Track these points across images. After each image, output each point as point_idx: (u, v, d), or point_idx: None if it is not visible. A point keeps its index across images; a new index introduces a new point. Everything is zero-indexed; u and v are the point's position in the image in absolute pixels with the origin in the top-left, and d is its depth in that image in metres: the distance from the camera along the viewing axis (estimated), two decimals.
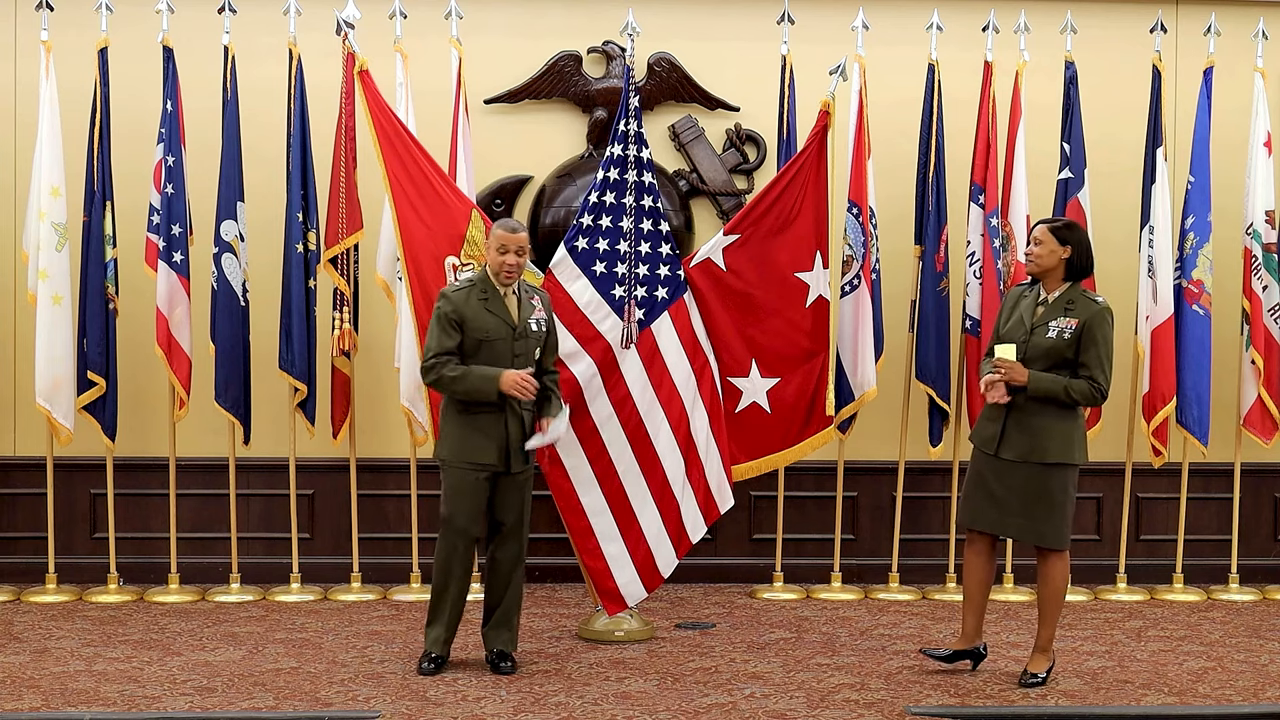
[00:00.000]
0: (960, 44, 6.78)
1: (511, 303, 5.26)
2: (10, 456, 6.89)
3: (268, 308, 6.60)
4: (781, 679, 5.26)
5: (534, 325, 5.29)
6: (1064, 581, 5.13)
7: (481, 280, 5.27)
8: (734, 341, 6.01)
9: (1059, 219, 5.28)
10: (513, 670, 5.29)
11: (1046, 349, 5.01)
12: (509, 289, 5.27)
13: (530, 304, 5.33)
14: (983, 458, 5.16)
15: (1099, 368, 4.99)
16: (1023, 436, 5.03)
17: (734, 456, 6.06)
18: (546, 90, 7.09)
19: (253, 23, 6.72)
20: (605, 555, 5.83)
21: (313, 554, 6.87)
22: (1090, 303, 5.05)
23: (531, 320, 5.29)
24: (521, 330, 5.25)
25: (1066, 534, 5.09)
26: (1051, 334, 5.01)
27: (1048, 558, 5.09)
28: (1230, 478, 6.96)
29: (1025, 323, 5.09)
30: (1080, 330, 4.98)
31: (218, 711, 4.76)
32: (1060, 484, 5.04)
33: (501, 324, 5.21)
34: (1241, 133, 6.86)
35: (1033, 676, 5.13)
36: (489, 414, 5.20)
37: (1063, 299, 5.06)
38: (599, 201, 5.87)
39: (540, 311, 5.35)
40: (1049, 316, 5.05)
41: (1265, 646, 5.88)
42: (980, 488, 5.15)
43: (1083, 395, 4.99)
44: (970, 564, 5.26)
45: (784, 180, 5.98)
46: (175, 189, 6.39)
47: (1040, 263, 5.08)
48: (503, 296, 5.25)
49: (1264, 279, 6.72)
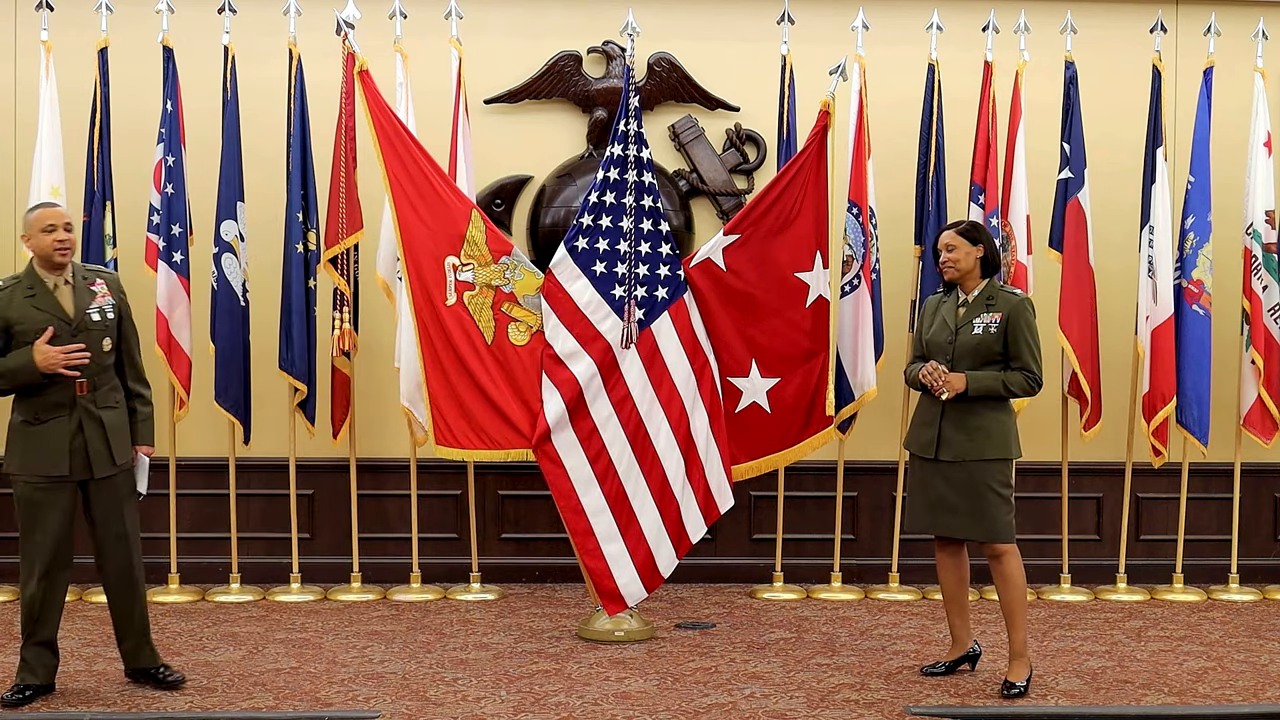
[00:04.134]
0: (960, 44, 6.78)
1: (65, 294, 4.78)
2: None
3: (268, 308, 6.60)
4: (781, 679, 5.26)
5: (95, 315, 4.80)
6: (1023, 578, 5.09)
7: (26, 275, 4.78)
8: (734, 341, 6.00)
9: (960, 222, 5.27)
10: (182, 682, 5.00)
11: (974, 345, 5.05)
12: (60, 279, 4.79)
13: (90, 291, 4.83)
14: (922, 463, 5.17)
15: (1031, 357, 5.04)
16: (960, 436, 5.04)
17: (734, 456, 6.06)
18: (546, 90, 7.09)
19: (253, 23, 6.72)
20: (605, 555, 5.83)
21: (313, 554, 6.88)
22: (1010, 296, 5.11)
23: (92, 310, 4.80)
24: (80, 323, 4.77)
25: (1013, 527, 5.09)
26: (978, 330, 5.05)
27: (1001, 557, 5.05)
28: (1230, 478, 6.96)
29: (950, 325, 5.13)
30: (1005, 323, 5.03)
31: (218, 711, 4.76)
32: (1002, 479, 5.05)
33: (53, 319, 4.73)
34: (1241, 133, 6.85)
35: (1013, 686, 5.04)
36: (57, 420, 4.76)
37: (982, 296, 5.11)
38: (599, 201, 5.87)
39: (106, 297, 4.85)
40: (972, 314, 5.09)
41: (1265, 646, 5.88)
42: (924, 494, 5.15)
43: (1020, 387, 5.02)
44: (943, 567, 5.26)
45: (784, 180, 5.98)
46: (175, 189, 6.39)
47: (959, 266, 5.12)
48: (53, 289, 4.77)
49: (1264, 279, 6.72)
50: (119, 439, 4.89)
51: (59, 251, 4.76)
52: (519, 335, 5.87)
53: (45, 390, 4.76)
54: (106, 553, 4.90)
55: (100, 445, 4.81)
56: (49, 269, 4.80)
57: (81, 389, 4.78)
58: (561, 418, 5.80)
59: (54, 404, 4.76)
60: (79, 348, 4.73)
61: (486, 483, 6.96)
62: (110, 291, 4.90)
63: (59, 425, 4.76)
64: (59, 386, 4.76)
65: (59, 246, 4.76)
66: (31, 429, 4.78)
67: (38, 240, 4.77)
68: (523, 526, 7.07)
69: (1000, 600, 5.14)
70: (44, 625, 4.84)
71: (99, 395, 4.84)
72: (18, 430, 4.81)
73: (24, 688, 4.82)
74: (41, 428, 4.77)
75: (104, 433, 4.82)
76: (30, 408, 4.78)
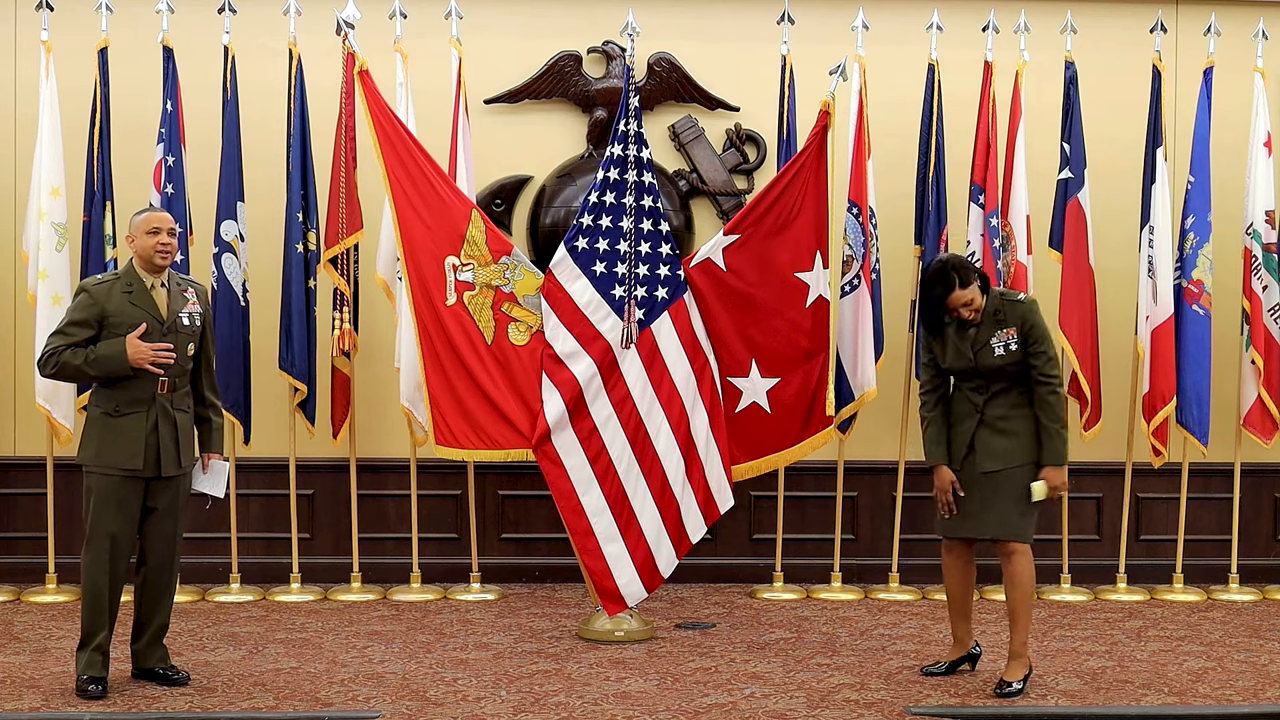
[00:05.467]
0: (960, 44, 6.78)
1: (160, 296, 4.94)
2: (10, 456, 6.90)
3: (268, 308, 6.60)
4: (781, 679, 5.25)
5: (185, 319, 4.97)
6: (1032, 581, 5.09)
7: (127, 273, 4.95)
8: (734, 341, 6.00)
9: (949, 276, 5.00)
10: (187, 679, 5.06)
11: (999, 367, 5.02)
12: (158, 280, 4.95)
13: (183, 296, 5.00)
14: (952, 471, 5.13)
15: (1048, 363, 5.01)
16: (1000, 441, 5.01)
17: (734, 456, 6.05)
18: (546, 90, 7.09)
19: (253, 23, 6.72)
20: (605, 555, 5.83)
21: (313, 554, 6.88)
22: (1014, 304, 5.07)
23: (183, 314, 4.97)
24: (171, 324, 4.92)
25: (1031, 529, 5.08)
26: (999, 351, 5.01)
27: (1014, 557, 5.04)
28: (1230, 478, 6.96)
29: (966, 353, 5.06)
30: (1023, 333, 5.00)
31: (218, 711, 4.76)
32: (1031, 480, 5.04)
33: (148, 318, 4.87)
34: (1241, 133, 6.86)
35: (1007, 685, 5.04)
36: (135, 415, 4.86)
37: (990, 313, 5.06)
38: (599, 201, 5.87)
39: (195, 305, 5.02)
40: (986, 335, 5.04)
41: (1265, 646, 5.88)
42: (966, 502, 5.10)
43: (1056, 414, 4.99)
44: (950, 568, 5.25)
45: (784, 180, 5.97)
46: (175, 189, 6.39)
47: (979, 307, 5.03)
48: (150, 289, 4.92)
49: (1264, 279, 6.72)
50: (186, 442, 5.02)
51: (160, 254, 4.92)
52: (519, 335, 5.87)
53: (128, 384, 4.88)
54: (153, 548, 5.01)
55: (171, 445, 4.93)
56: (148, 270, 4.95)
57: (163, 387, 4.90)
58: (561, 418, 5.80)
59: (135, 399, 4.87)
60: (167, 347, 4.87)
61: (486, 483, 6.96)
62: (198, 301, 5.07)
63: (137, 421, 4.88)
64: (142, 382, 4.88)
65: (161, 249, 4.92)
66: (111, 421, 4.88)
67: (141, 242, 4.93)
68: (523, 526, 7.08)
69: (1007, 599, 5.13)
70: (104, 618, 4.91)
71: (175, 397, 4.97)
72: (96, 422, 4.92)
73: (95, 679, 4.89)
74: (120, 421, 4.87)
75: (176, 433, 4.95)
76: (111, 400, 4.88)
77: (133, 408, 4.87)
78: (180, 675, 5.07)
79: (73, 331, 4.86)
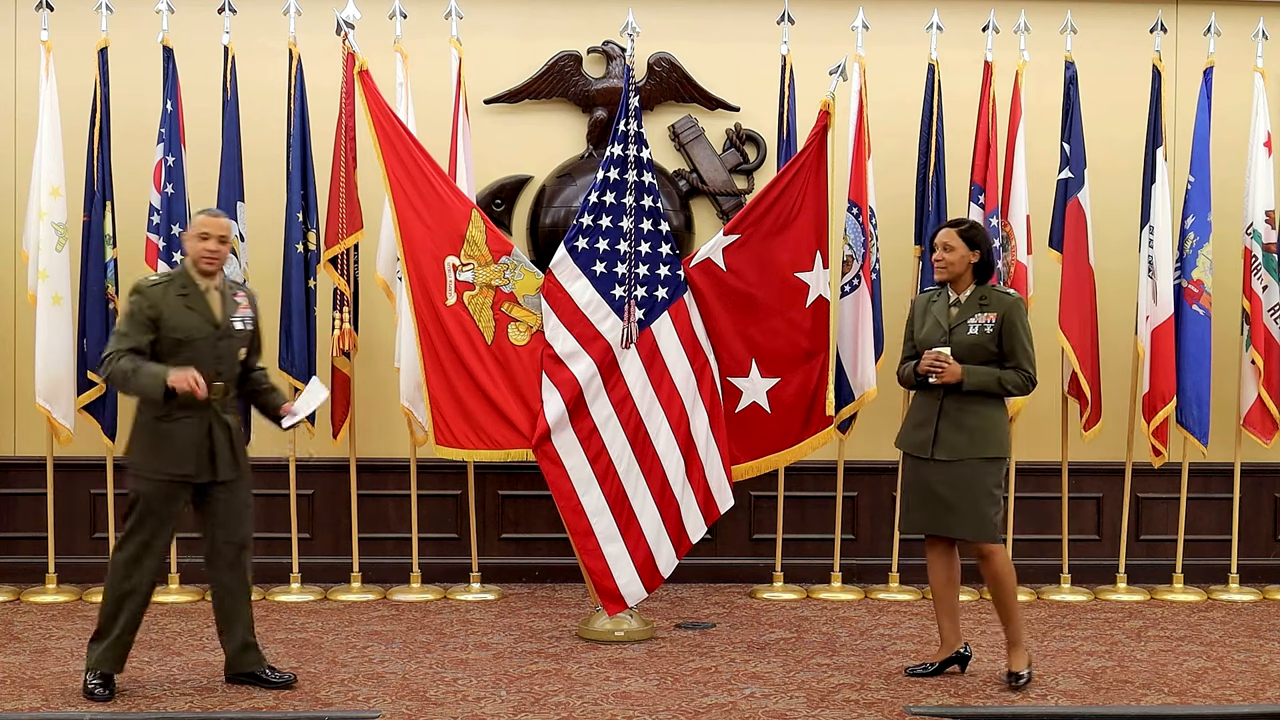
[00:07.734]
0: (960, 44, 6.78)
1: (214, 299, 4.91)
2: (10, 456, 6.90)
3: (268, 308, 6.56)
4: (781, 679, 5.26)
5: (238, 324, 4.96)
6: (1012, 575, 5.11)
7: (181, 275, 4.92)
8: (734, 341, 6.00)
9: (963, 221, 5.23)
10: (293, 680, 5.06)
11: (969, 346, 5.05)
12: (211, 284, 4.92)
13: (235, 301, 4.99)
14: (916, 463, 5.15)
15: (1025, 357, 5.05)
16: (959, 435, 5.03)
17: (734, 456, 6.06)
18: (546, 90, 7.09)
19: (253, 23, 6.72)
20: (605, 555, 5.83)
21: (313, 554, 6.88)
22: (1003, 296, 5.11)
23: (236, 319, 4.95)
24: (225, 329, 4.91)
25: (1000, 527, 5.10)
26: (973, 330, 5.05)
27: (989, 557, 5.05)
28: (1230, 478, 6.96)
29: (942, 325, 5.11)
30: (1000, 323, 5.03)
31: (218, 711, 4.76)
32: (995, 478, 5.06)
33: (203, 322, 4.86)
34: (1241, 133, 6.86)
35: (1019, 677, 5.09)
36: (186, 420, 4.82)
37: (975, 296, 5.10)
38: (599, 201, 5.87)
39: (246, 309, 5.01)
40: (965, 315, 5.08)
41: (1265, 646, 5.88)
42: (919, 493, 5.14)
43: (1016, 385, 5.04)
44: (933, 566, 5.25)
45: (784, 180, 5.98)
46: (175, 189, 6.39)
47: (951, 269, 5.11)
48: (204, 292, 4.89)
49: (1264, 279, 6.72)
50: (240, 443, 5.01)
51: (204, 260, 4.88)
52: (519, 335, 5.87)
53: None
54: (226, 559, 4.98)
55: (226, 449, 4.90)
56: (201, 273, 4.91)
57: (218, 393, 4.86)
58: (561, 418, 5.80)
59: (186, 404, 4.79)
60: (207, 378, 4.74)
61: (486, 483, 6.96)
62: (249, 305, 5.04)
63: (188, 426, 4.84)
64: None
65: (205, 255, 4.87)
66: (161, 426, 4.83)
67: (190, 245, 4.91)
68: (523, 526, 7.07)
69: (993, 598, 5.16)
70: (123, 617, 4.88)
71: (227, 401, 4.96)
72: (145, 427, 4.88)
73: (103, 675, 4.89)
74: (171, 426, 4.83)
75: (230, 437, 4.92)
76: (163, 404, 4.79)
77: (185, 413, 4.81)
78: (283, 677, 5.03)
79: (130, 333, 4.79)
